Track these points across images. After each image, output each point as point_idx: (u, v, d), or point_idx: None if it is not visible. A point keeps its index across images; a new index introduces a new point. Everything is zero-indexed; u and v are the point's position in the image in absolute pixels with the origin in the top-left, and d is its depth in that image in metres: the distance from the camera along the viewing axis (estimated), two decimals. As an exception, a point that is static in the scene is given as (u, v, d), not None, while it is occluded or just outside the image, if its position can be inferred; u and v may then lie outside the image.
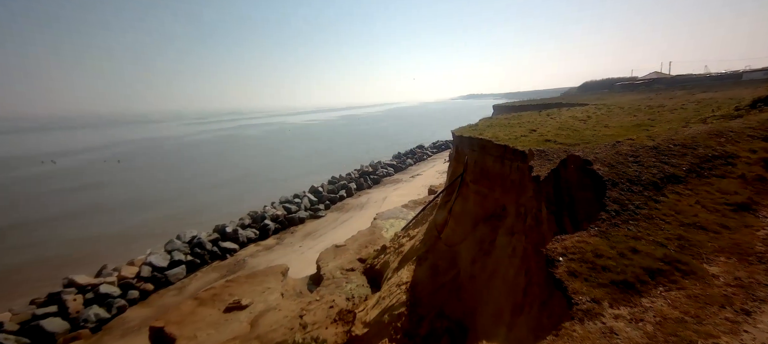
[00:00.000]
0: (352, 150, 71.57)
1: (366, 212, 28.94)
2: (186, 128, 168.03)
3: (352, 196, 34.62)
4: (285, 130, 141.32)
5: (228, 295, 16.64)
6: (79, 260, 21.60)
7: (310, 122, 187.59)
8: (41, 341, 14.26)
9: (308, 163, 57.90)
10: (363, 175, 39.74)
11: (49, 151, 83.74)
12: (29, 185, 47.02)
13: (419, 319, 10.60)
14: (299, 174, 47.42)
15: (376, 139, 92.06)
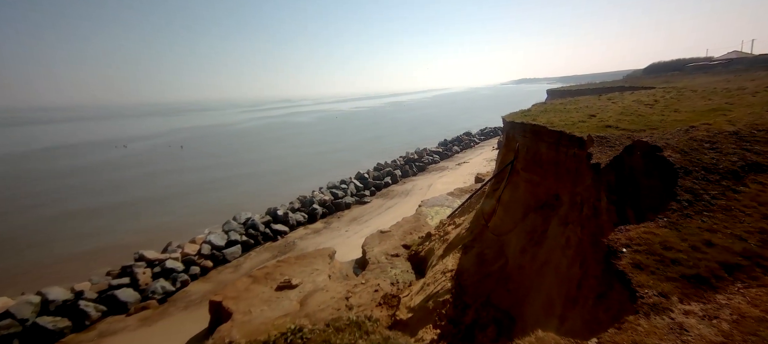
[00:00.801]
0: (397, 137, 71.75)
1: (411, 199, 29.02)
2: (241, 115, 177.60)
3: (397, 183, 34.81)
4: (333, 117, 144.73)
5: (279, 275, 17.53)
6: (148, 237, 23.86)
7: (357, 109, 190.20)
8: (116, 309, 15.76)
9: (354, 149, 58.95)
10: (408, 162, 39.73)
11: (121, 136, 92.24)
12: (106, 167, 52.28)
13: (464, 307, 10.52)
14: (346, 161, 48.49)
15: (422, 125, 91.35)
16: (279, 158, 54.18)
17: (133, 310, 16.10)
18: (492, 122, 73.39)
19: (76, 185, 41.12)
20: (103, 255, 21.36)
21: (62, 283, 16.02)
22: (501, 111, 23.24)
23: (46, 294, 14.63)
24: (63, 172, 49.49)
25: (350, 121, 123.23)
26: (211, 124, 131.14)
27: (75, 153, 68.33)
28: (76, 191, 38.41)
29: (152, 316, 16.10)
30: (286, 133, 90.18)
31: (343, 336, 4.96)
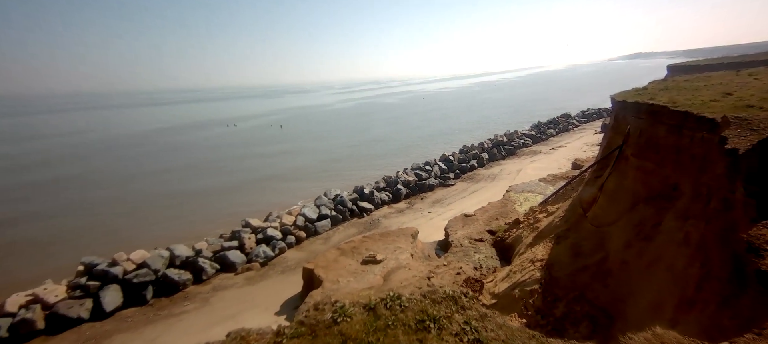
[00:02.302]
0: (486, 118, 68.92)
1: (498, 184, 27.77)
2: (333, 97, 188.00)
3: (484, 167, 33.53)
4: (419, 98, 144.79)
5: (365, 249, 18.36)
6: (253, 206, 26.98)
7: (443, 90, 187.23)
8: (226, 268, 18.04)
9: (439, 131, 58.29)
10: (497, 145, 37.89)
11: (232, 116, 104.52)
12: (220, 142, 59.92)
13: (555, 299, 9.83)
14: (430, 142, 48.37)
15: (514, 107, 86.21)
16: (366, 138, 56.22)
17: (240, 270, 18.29)
18: (596, 103, 65.97)
19: (194, 157, 47.92)
20: (218, 220, 24.80)
21: (186, 242, 18.82)
22: (608, 90, 20.69)
23: (173, 250, 17.35)
24: (186, 144, 58.36)
25: (436, 101, 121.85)
26: (307, 105, 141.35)
27: (198, 128, 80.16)
28: (193, 162, 44.69)
29: (255, 277, 18.16)
30: (374, 114, 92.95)
31: (439, 308, 5.04)
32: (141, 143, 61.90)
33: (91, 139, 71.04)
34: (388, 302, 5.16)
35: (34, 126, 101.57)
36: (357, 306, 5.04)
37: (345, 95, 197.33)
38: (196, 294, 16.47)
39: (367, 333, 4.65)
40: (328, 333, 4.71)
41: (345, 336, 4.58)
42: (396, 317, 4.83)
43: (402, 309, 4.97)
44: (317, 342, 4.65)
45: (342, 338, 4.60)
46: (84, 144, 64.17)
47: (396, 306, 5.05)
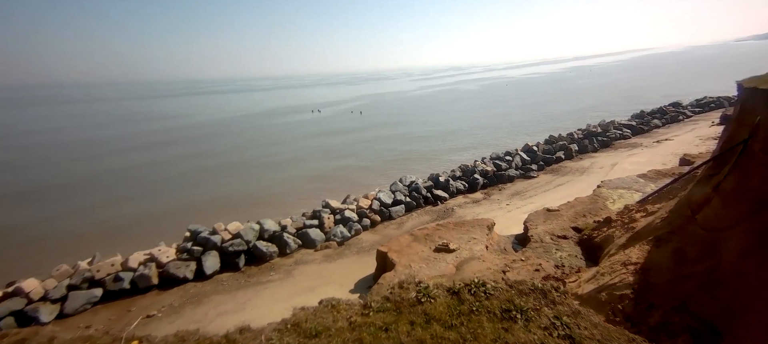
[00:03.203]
0: (577, 106, 64.08)
1: (587, 178, 25.79)
2: (412, 84, 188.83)
3: (572, 159, 31.28)
4: (502, 84, 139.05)
5: (438, 237, 18.52)
6: (334, 187, 28.68)
7: (530, 75, 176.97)
8: (307, 244, 19.43)
9: (522, 119, 55.59)
10: (588, 136, 35.01)
11: (316, 102, 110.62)
12: (304, 126, 63.86)
13: (649, 307, 9.11)
14: (512, 131, 46.46)
15: (611, 94, 78.59)
16: (444, 125, 55.81)
17: (319, 247, 19.62)
18: (714, 91, 57.27)
19: (283, 142, 51.74)
20: (301, 199, 26.86)
21: (273, 217, 20.65)
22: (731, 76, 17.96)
23: (262, 224, 19.15)
24: (277, 127, 63.39)
25: (521, 88, 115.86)
26: (385, 92, 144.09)
27: (282, 113, 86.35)
28: (281, 146, 48.34)
29: (332, 255, 19.35)
30: (451, 101, 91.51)
31: (526, 299, 5.08)
32: (246, 127, 68.69)
33: (201, 121, 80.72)
34: (473, 288, 5.29)
35: (162, 109, 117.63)
36: (441, 289, 5.25)
37: (424, 82, 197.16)
38: (280, 266, 18.08)
39: (451, 315, 4.85)
40: (413, 311, 5.00)
41: (429, 316, 4.83)
42: (480, 303, 4.95)
43: (487, 297, 5.07)
44: (401, 318, 4.97)
45: (426, 317, 4.85)
46: (198, 125, 73.45)
47: (480, 292, 5.16)
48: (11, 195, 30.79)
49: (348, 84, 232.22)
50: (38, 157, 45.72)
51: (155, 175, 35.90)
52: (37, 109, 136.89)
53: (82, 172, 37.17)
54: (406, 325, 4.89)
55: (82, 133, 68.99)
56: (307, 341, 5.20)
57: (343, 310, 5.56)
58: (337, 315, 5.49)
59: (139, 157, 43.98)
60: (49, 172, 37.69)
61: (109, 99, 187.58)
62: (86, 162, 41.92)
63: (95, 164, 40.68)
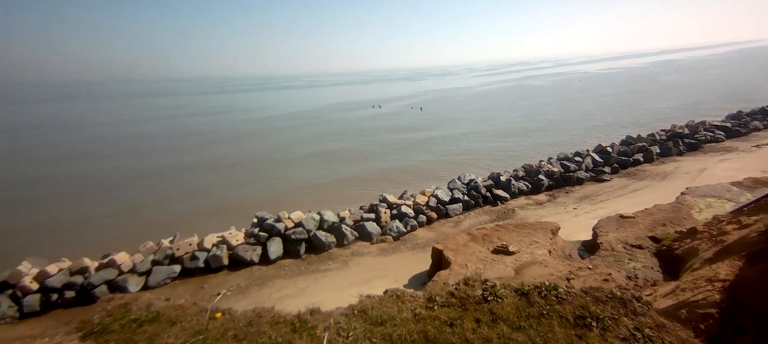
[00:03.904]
0: (660, 104, 58.87)
1: (669, 184, 23.66)
2: (476, 79, 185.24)
3: (652, 162, 28.81)
4: (575, 80, 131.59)
5: (497, 238, 18.12)
6: (391, 182, 29.08)
7: (607, 70, 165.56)
8: (363, 237, 19.97)
9: (596, 118, 52.27)
10: (673, 138, 31.99)
11: (378, 98, 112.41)
12: (366, 122, 65.33)
13: (737, 330, 8.33)
14: (582, 131, 43.96)
15: (703, 92, 71.10)
16: (507, 123, 54.09)
17: (375, 241, 20.09)
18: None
19: (342, 137, 53.34)
20: (360, 191, 27.69)
21: (333, 208, 21.46)
22: None
23: (322, 214, 19.99)
24: (341, 122, 65.70)
25: (595, 84, 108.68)
26: (448, 87, 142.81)
27: (344, 108, 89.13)
28: (340, 141, 49.84)
29: (388, 249, 19.71)
30: (518, 98, 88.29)
31: (603, 307, 4.93)
32: (310, 121, 71.86)
33: (270, 115, 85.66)
34: (544, 291, 5.21)
35: (235, 103, 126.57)
36: (508, 289, 5.22)
37: (488, 77, 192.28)
38: (337, 256, 18.78)
39: (519, 317, 4.82)
40: (479, 309, 5.04)
41: (495, 315, 4.84)
42: (552, 307, 4.86)
43: (558, 301, 4.96)
44: (467, 314, 5.03)
45: (492, 316, 4.87)
46: (268, 119, 78.25)
47: (552, 296, 5.07)
48: (102, 183, 34.93)
49: (409, 80, 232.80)
50: (127, 149, 51.12)
51: (230, 165, 38.70)
52: (113, 102, 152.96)
53: (166, 164, 40.93)
54: (471, 322, 4.94)
55: (161, 125, 76.17)
56: (372, 327, 5.45)
57: (408, 301, 5.73)
58: (401, 306, 5.68)
59: (218, 150, 47.28)
60: (138, 162, 42.07)
61: (186, 93, 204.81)
62: (171, 154, 46.04)
63: (179, 156, 44.54)
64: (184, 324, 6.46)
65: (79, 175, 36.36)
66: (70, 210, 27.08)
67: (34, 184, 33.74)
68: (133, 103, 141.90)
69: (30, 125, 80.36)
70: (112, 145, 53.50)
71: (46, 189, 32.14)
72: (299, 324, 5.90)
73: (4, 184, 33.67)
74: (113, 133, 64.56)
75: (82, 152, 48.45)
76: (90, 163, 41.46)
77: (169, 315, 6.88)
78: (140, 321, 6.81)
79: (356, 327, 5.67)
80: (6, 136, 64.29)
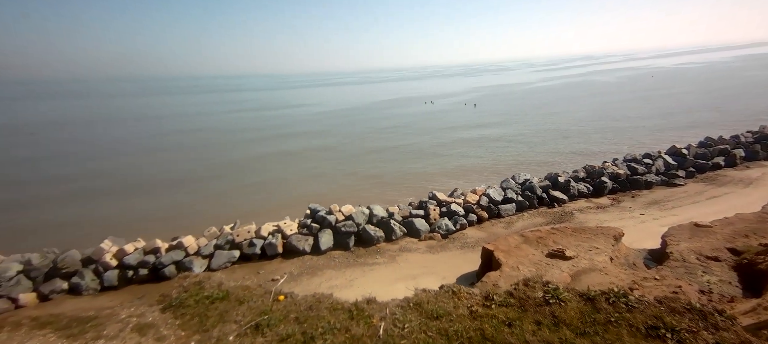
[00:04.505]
0: (747, 103, 53.33)
1: (754, 191, 21.53)
2: (534, 75, 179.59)
3: (735, 167, 26.22)
4: (646, 75, 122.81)
5: (552, 242, 17.47)
6: (441, 180, 28.94)
7: (684, 65, 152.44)
8: (412, 233, 20.12)
9: (669, 117, 48.54)
10: (761, 140, 28.87)
11: (429, 94, 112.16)
12: (417, 119, 65.28)
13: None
14: (654, 130, 40.96)
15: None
16: (566, 121, 51.69)
17: (423, 237, 20.15)
18: None
19: (398, 133, 53.78)
20: (409, 188, 27.86)
21: (382, 204, 21.79)
22: None
23: (372, 209, 20.36)
24: (394, 118, 66.22)
25: (671, 80, 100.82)
26: (503, 83, 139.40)
27: (395, 105, 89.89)
28: (397, 136, 50.13)
29: (436, 246, 19.71)
30: (581, 94, 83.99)
31: (679, 319, 4.70)
32: (359, 118, 73.34)
33: (324, 110, 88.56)
34: (612, 297, 5.03)
35: (290, 98, 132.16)
36: (572, 293, 5.10)
37: (547, 73, 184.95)
38: (385, 251, 19.09)
39: (584, 322, 4.70)
40: (539, 311, 4.98)
41: (557, 318, 4.76)
42: (621, 315, 4.70)
43: (628, 309, 4.78)
44: (526, 316, 4.99)
45: (554, 319, 4.79)
46: (321, 114, 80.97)
47: (621, 303, 4.89)
48: (172, 176, 37.82)
49: (463, 75, 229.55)
50: (186, 145, 54.73)
51: (287, 159, 40.32)
52: (184, 97, 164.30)
53: (227, 158, 42.92)
54: (531, 324, 4.89)
55: (222, 119, 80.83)
56: (428, 321, 5.57)
57: (464, 298, 5.78)
58: (457, 302, 5.73)
59: (273, 145, 49.20)
60: (197, 158, 44.65)
61: (246, 89, 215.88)
62: (231, 148, 48.57)
63: (239, 150, 46.88)
64: (250, 304, 7.00)
65: (151, 165, 39.82)
66: (144, 197, 29.84)
67: (111, 174, 37.35)
68: (205, 98, 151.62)
69: (105, 117, 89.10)
70: (197, 136, 58.09)
71: (122, 179, 35.49)
72: (356, 312, 6.16)
73: (88, 173, 37.67)
74: (194, 125, 70.03)
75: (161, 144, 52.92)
76: (163, 155, 45.09)
77: (238, 295, 7.47)
78: (212, 298, 7.47)
79: (412, 320, 5.82)
80: (86, 128, 71.81)
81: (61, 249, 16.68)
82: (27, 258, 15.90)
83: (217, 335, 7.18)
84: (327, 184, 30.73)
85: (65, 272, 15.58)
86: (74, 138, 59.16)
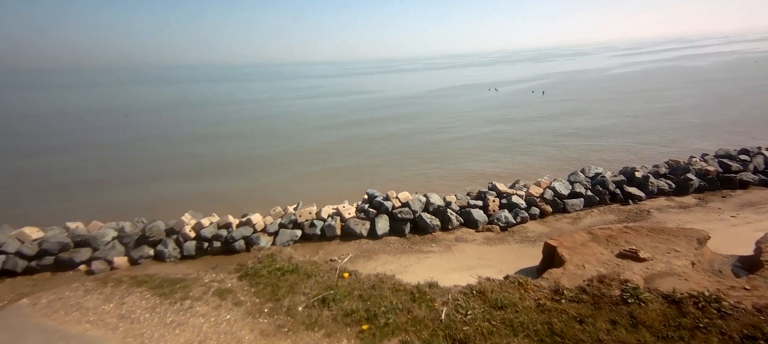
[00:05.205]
0: None
1: None
2: (613, 59, 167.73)
3: None
4: (750, 60, 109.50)
5: (624, 241, 16.35)
6: (501, 170, 28.16)
7: None
8: (468, 224, 19.88)
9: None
10: None
11: (493, 81, 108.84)
12: (478, 106, 63.65)
13: None
14: (756, 121, 36.35)
15: None
16: (650, 111, 47.29)
17: (481, 229, 19.82)
18: None
19: (460, 118, 52.92)
20: (467, 178, 27.47)
21: (439, 192, 21.71)
22: None
23: (429, 197, 20.40)
24: (452, 106, 65.20)
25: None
26: (578, 69, 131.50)
27: (455, 92, 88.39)
28: (460, 122, 49.34)
29: (493, 239, 19.29)
30: (671, 82, 76.81)
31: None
32: (419, 104, 73.23)
33: (390, 96, 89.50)
34: (701, 301, 4.67)
35: (359, 85, 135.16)
36: (654, 293, 4.80)
37: (629, 57, 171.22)
38: (440, 240, 19.06)
39: (667, 326, 4.42)
40: (615, 310, 4.76)
41: (636, 319, 4.52)
42: (711, 321, 4.36)
43: (721, 316, 4.42)
44: (600, 314, 4.79)
45: (631, 320, 4.56)
46: (386, 99, 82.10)
47: (712, 308, 4.53)
48: (252, 159, 40.28)
49: (532, 61, 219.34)
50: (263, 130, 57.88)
51: (354, 145, 41.29)
52: (262, 84, 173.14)
53: (302, 145, 44.09)
54: (605, 323, 4.68)
55: (293, 105, 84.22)
56: (492, 310, 5.55)
57: (531, 290, 5.66)
58: (523, 294, 5.64)
59: (340, 131, 50.38)
60: (263, 145, 46.86)
61: (316, 76, 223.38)
62: (305, 135, 50.55)
63: (312, 137, 48.42)
64: (317, 279, 7.45)
65: (232, 149, 42.80)
66: (218, 177, 32.38)
67: (193, 156, 40.70)
68: (279, 85, 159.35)
69: (189, 103, 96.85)
70: (273, 120, 61.39)
71: (202, 163, 38.43)
72: (418, 295, 6.29)
73: (177, 152, 41.43)
74: (267, 111, 74.21)
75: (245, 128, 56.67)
76: (240, 142, 48.19)
77: (306, 269, 7.99)
78: (283, 271, 8.05)
79: (475, 307, 5.83)
80: (173, 112, 78.78)
81: (149, 220, 18.72)
82: (121, 226, 18.08)
83: (288, 305, 7.83)
84: (385, 171, 31.15)
85: (152, 240, 17.48)
86: (163, 121, 65.02)
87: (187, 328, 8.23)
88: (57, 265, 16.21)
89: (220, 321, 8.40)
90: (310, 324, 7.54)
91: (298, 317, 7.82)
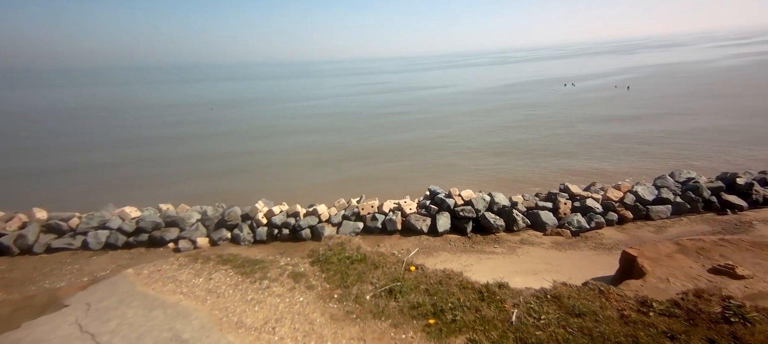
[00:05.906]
0: None
1: None
2: (716, 51, 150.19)
3: None
4: None
5: (718, 255, 14.68)
6: (572, 172, 26.59)
7: None
8: (536, 226, 19.11)
9: None
10: None
11: (570, 75, 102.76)
12: (552, 104, 60.38)
13: None
14: None
15: None
16: (756, 111, 41.58)
17: (549, 232, 18.91)
18: None
19: (529, 114, 50.74)
20: (535, 177, 26.39)
21: (504, 192, 21.06)
22: None
23: (493, 196, 19.87)
24: (522, 103, 62.76)
25: None
26: (670, 62, 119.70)
27: (529, 86, 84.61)
28: (532, 124, 47.26)
29: (563, 244, 18.32)
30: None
31: None
32: (486, 99, 71.34)
33: (460, 90, 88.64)
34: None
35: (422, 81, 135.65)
36: (763, 313, 4.30)
37: (737, 48, 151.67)
38: (504, 241, 18.49)
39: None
40: (714, 329, 4.35)
41: (740, 341, 4.08)
42: (838, 348, 3.81)
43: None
44: (695, 331, 4.40)
45: (734, 341, 4.12)
46: (456, 93, 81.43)
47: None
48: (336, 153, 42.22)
49: (615, 53, 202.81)
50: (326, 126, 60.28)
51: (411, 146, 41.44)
52: (307, 81, 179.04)
53: (371, 143, 44.57)
54: (701, 341, 4.27)
55: (359, 101, 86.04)
56: (568, 317, 5.32)
57: (614, 299, 5.34)
58: (604, 302, 5.33)
59: (401, 133, 50.91)
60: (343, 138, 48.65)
61: (377, 72, 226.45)
62: (370, 133, 51.80)
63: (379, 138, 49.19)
64: (384, 270, 7.67)
65: (288, 146, 45.21)
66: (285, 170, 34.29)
67: (249, 154, 43.22)
68: (341, 81, 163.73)
69: (249, 99, 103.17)
70: (337, 118, 63.07)
71: (262, 158, 40.82)
72: (487, 294, 6.21)
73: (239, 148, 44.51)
74: (334, 108, 76.66)
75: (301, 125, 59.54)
76: (302, 137, 50.71)
77: (373, 260, 8.27)
78: (352, 259, 8.41)
79: (549, 313, 5.62)
80: (230, 108, 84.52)
81: (228, 205, 20.41)
82: (204, 209, 19.93)
83: (356, 293, 8.25)
84: (450, 167, 30.84)
85: (229, 224, 19.04)
86: (237, 117, 69.83)
87: (265, 306, 9.03)
88: (150, 242, 18.33)
89: (294, 302, 9.14)
90: (378, 313, 7.85)
91: (365, 305, 8.20)
